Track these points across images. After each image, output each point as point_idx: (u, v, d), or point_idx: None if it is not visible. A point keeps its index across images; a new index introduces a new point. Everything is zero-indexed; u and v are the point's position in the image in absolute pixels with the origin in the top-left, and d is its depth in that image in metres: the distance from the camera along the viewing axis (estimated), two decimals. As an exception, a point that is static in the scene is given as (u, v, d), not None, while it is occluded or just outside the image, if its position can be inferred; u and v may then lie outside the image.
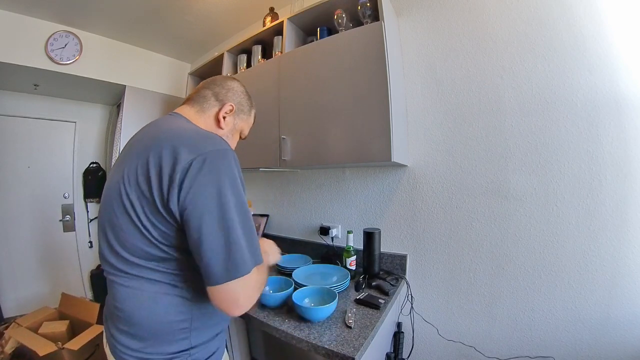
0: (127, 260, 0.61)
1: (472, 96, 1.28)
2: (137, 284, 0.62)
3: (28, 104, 2.54)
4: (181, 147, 0.57)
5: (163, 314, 0.62)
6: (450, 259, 1.34)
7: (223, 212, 0.55)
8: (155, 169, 0.57)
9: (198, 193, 0.54)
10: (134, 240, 0.60)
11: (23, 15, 1.97)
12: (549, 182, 1.12)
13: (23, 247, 2.53)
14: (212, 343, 0.71)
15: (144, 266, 0.61)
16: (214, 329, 0.71)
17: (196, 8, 2.04)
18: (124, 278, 0.63)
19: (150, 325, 0.62)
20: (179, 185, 0.54)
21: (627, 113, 1.00)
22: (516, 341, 1.19)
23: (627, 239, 1.00)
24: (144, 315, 0.62)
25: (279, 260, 0.96)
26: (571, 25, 1.08)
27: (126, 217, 0.60)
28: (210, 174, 0.55)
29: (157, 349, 0.62)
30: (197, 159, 0.55)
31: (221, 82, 0.81)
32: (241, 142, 1.79)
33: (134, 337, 0.63)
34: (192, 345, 0.65)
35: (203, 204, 0.54)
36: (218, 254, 0.54)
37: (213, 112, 0.78)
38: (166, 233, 0.58)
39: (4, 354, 1.69)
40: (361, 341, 0.87)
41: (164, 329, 0.62)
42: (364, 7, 1.30)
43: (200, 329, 0.67)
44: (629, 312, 1.00)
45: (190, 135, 0.62)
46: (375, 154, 1.18)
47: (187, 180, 0.54)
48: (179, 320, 0.63)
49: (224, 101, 0.79)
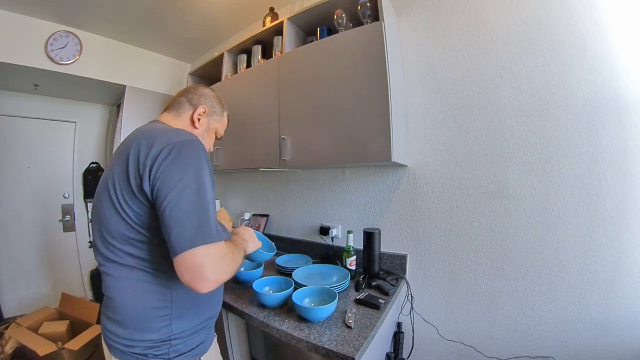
0: (112, 247, 0.68)
1: (472, 96, 1.28)
2: (120, 272, 0.68)
3: (28, 104, 2.54)
4: (154, 140, 0.66)
5: (144, 300, 0.68)
6: (450, 259, 1.34)
7: (186, 187, 0.61)
8: (132, 159, 0.65)
9: (166, 174, 0.62)
10: (115, 225, 0.67)
11: (23, 15, 1.97)
12: (549, 182, 1.12)
13: (23, 247, 2.53)
14: (197, 336, 0.75)
15: (126, 252, 0.67)
16: (197, 319, 0.75)
17: (196, 8, 2.04)
18: (110, 267, 0.69)
19: (132, 312, 0.68)
20: (149, 168, 0.62)
21: (627, 113, 1.00)
22: (516, 341, 1.19)
23: (627, 239, 1.00)
24: (127, 302, 0.68)
25: (259, 247, 0.98)
26: (571, 25, 1.08)
27: (110, 205, 0.67)
28: (177, 159, 0.63)
29: (140, 336, 0.68)
30: (165, 147, 0.64)
31: (194, 90, 0.92)
32: (241, 142, 1.81)
33: (119, 323, 0.69)
34: (173, 334, 0.69)
35: (170, 183, 0.61)
36: (181, 223, 0.59)
37: (188, 115, 0.88)
38: (140, 214, 0.65)
39: (4, 354, 1.69)
40: (361, 341, 0.87)
41: (145, 316, 0.68)
42: (364, 7, 1.30)
43: (181, 317, 0.71)
44: (629, 312, 1.00)
45: (163, 132, 0.71)
46: (375, 154, 1.18)
47: (156, 165, 0.62)
48: (159, 307, 0.68)
49: (197, 105, 0.89)
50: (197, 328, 0.75)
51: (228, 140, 1.83)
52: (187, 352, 0.72)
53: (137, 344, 0.68)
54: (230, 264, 0.66)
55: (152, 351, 0.68)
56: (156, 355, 0.68)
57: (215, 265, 0.60)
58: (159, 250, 0.67)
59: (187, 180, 0.62)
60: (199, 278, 0.58)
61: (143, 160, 0.63)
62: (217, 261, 0.61)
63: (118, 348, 0.70)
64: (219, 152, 1.88)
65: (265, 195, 2.12)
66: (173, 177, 0.61)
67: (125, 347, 0.69)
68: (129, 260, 0.67)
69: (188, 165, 0.63)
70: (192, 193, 0.61)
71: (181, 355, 0.71)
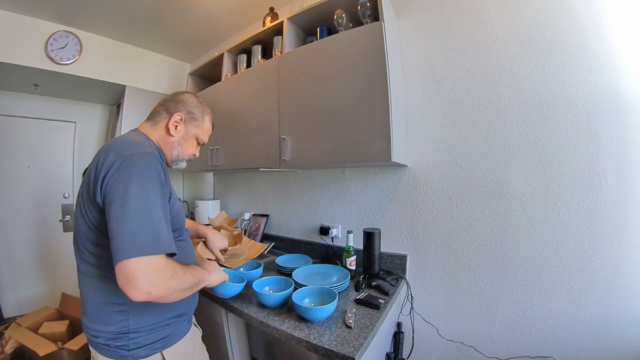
0: (81, 246, 0.76)
1: (472, 96, 1.28)
2: (86, 269, 0.76)
3: (28, 104, 2.54)
4: (111, 152, 0.72)
5: (103, 296, 0.75)
6: (450, 259, 1.34)
7: (127, 201, 0.65)
8: (93, 170, 0.72)
9: (113, 186, 0.67)
10: (81, 227, 0.74)
11: (23, 15, 1.97)
12: (549, 182, 1.12)
13: (23, 247, 2.53)
14: (158, 331, 0.78)
15: (89, 251, 0.74)
16: (157, 317, 0.78)
17: (196, 8, 2.04)
18: (80, 265, 0.78)
19: (93, 305, 0.76)
20: (102, 180, 0.69)
21: (627, 113, 1.00)
22: (516, 341, 1.19)
23: (627, 239, 1.00)
24: (89, 296, 0.77)
25: (224, 279, 0.99)
26: (571, 25, 1.08)
27: (79, 209, 0.76)
28: (124, 172, 0.68)
29: (100, 327, 0.75)
30: (117, 160, 0.69)
31: (172, 97, 0.94)
32: (241, 142, 1.80)
33: (86, 316, 0.78)
34: (130, 329, 0.74)
35: (114, 194, 0.66)
36: (119, 234, 0.63)
37: (164, 123, 0.91)
38: (97, 218, 0.72)
39: (4, 354, 1.69)
40: (361, 341, 0.87)
41: (104, 310, 0.74)
42: (364, 7, 1.30)
43: (139, 314, 0.75)
44: (628, 312, 1.00)
45: (122, 144, 0.75)
46: (375, 154, 1.18)
47: (107, 177, 0.68)
48: (116, 303, 0.74)
49: (173, 112, 0.91)
50: (158, 325, 0.78)
51: (228, 140, 1.83)
52: (148, 344, 0.76)
53: (100, 334, 0.75)
54: (168, 280, 0.67)
55: (112, 342, 0.74)
56: (117, 346, 0.74)
57: (148, 277, 0.62)
58: None
59: (129, 194, 0.65)
60: (130, 286, 0.61)
61: (98, 172, 0.70)
62: (150, 273, 0.63)
63: (89, 338, 0.78)
64: (219, 152, 1.88)
65: (265, 195, 2.12)
66: (118, 190, 0.66)
67: (93, 337, 0.76)
68: (91, 260, 0.75)
69: (132, 179, 0.67)
70: (131, 206, 0.65)
71: (140, 348, 0.75)
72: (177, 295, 0.71)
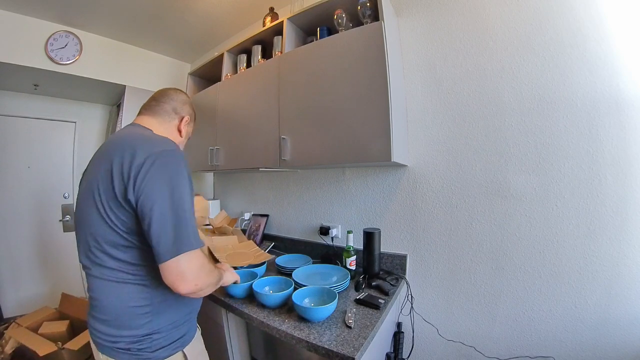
0: (98, 250, 0.72)
1: (472, 96, 1.28)
2: (104, 274, 0.72)
3: (28, 104, 2.54)
4: (137, 149, 0.70)
5: (126, 300, 0.72)
6: (450, 259, 1.34)
7: (168, 200, 0.67)
8: (117, 168, 0.69)
9: (149, 184, 0.66)
10: (101, 230, 0.71)
11: (23, 15, 1.97)
12: (549, 182, 1.12)
13: (23, 247, 2.53)
14: (178, 329, 0.80)
15: (110, 255, 0.71)
16: (176, 314, 0.79)
17: (196, 8, 2.04)
18: (95, 269, 0.74)
19: (116, 311, 0.73)
20: (134, 178, 0.66)
21: (627, 113, 1.00)
22: (516, 341, 1.19)
23: (627, 239, 1.00)
24: (111, 301, 0.73)
25: (236, 280, 1.11)
26: (571, 26, 1.08)
27: (96, 212, 0.71)
28: (159, 169, 0.68)
29: (124, 332, 0.72)
30: (149, 158, 0.68)
31: (175, 97, 0.96)
32: (241, 142, 1.81)
33: (104, 322, 0.74)
34: (154, 330, 0.74)
35: (153, 193, 0.66)
36: (166, 233, 0.65)
37: (174, 124, 0.95)
38: (125, 221, 0.69)
39: (4, 354, 1.69)
40: (361, 341, 0.87)
41: (128, 314, 0.72)
42: (364, 7, 1.30)
43: (162, 314, 0.76)
44: (629, 312, 1.00)
45: (145, 139, 0.75)
46: (375, 154, 1.18)
47: (140, 175, 0.66)
48: (141, 306, 0.73)
49: (181, 114, 0.96)
50: (177, 323, 0.79)
51: (228, 140, 1.83)
52: (169, 344, 0.77)
53: (121, 339, 0.72)
54: (207, 274, 0.74)
55: (135, 345, 0.73)
56: (139, 349, 0.73)
57: (194, 272, 0.69)
58: (141, 253, 0.72)
59: (168, 192, 0.67)
60: (180, 281, 0.66)
61: (127, 170, 0.67)
62: (196, 268, 0.69)
63: (105, 345, 0.74)
64: (219, 152, 1.88)
65: (265, 195, 2.12)
66: (155, 189, 0.66)
67: (111, 343, 0.73)
68: (112, 264, 0.72)
69: (169, 177, 0.69)
70: (173, 205, 0.67)
71: (163, 348, 0.76)
72: (210, 289, 0.77)
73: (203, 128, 1.99)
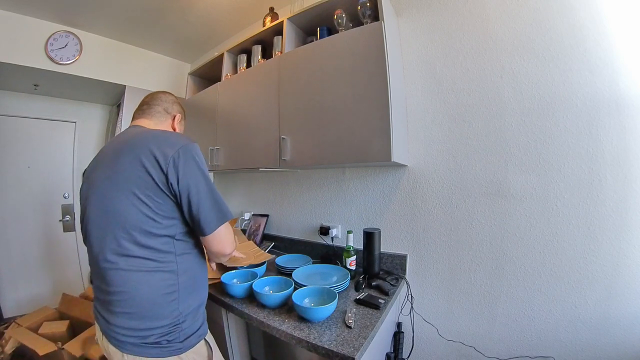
0: (127, 241, 0.74)
1: (472, 96, 1.28)
2: (135, 264, 0.74)
3: (28, 104, 2.54)
4: (163, 145, 0.77)
5: (156, 288, 0.75)
6: (450, 259, 1.34)
7: (204, 182, 0.78)
8: (151, 161, 0.75)
9: (187, 171, 0.76)
10: (134, 220, 0.73)
11: (23, 15, 1.97)
12: (549, 182, 1.12)
13: (23, 247, 2.53)
14: (198, 315, 0.85)
15: (140, 244, 0.74)
16: (196, 298, 0.84)
17: (196, 8, 2.04)
18: (122, 261, 0.74)
19: (147, 301, 0.74)
20: (173, 168, 0.75)
21: (627, 113, 1.00)
22: (516, 341, 1.19)
23: (627, 239, 1.00)
24: (141, 292, 0.74)
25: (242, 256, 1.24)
26: (572, 26, 1.08)
27: (129, 203, 0.74)
28: (190, 159, 0.78)
29: (155, 323, 0.74)
30: (176, 152, 0.76)
31: (164, 98, 1.01)
32: (241, 142, 1.81)
33: (132, 316, 0.74)
34: (180, 318, 0.77)
35: (191, 178, 0.76)
36: (210, 209, 0.78)
37: (169, 123, 1.01)
38: (162, 204, 0.76)
39: (4, 354, 1.69)
40: (361, 341, 0.87)
41: (159, 302, 0.75)
42: (364, 7, 1.30)
43: (186, 296, 0.80)
44: (629, 312, 1.00)
45: (164, 137, 0.82)
46: (375, 154, 1.18)
47: (177, 164, 0.75)
48: (169, 292, 0.76)
49: (173, 113, 1.02)
50: (197, 307, 0.84)
51: (228, 140, 1.83)
52: (194, 333, 0.81)
53: (152, 332, 0.74)
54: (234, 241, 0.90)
55: (165, 337, 0.75)
56: (169, 340, 0.75)
57: (230, 239, 0.85)
58: (170, 240, 0.78)
59: (201, 175, 0.78)
60: (223, 248, 0.83)
61: (163, 161, 0.74)
62: (230, 236, 0.85)
63: (131, 342, 0.73)
64: (219, 152, 1.88)
65: (265, 195, 2.12)
66: (192, 175, 0.76)
67: (140, 338, 0.73)
68: (142, 252, 0.74)
69: (197, 164, 0.79)
70: (207, 184, 0.79)
71: (189, 338, 0.79)
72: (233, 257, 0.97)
73: (203, 128, 1.99)
